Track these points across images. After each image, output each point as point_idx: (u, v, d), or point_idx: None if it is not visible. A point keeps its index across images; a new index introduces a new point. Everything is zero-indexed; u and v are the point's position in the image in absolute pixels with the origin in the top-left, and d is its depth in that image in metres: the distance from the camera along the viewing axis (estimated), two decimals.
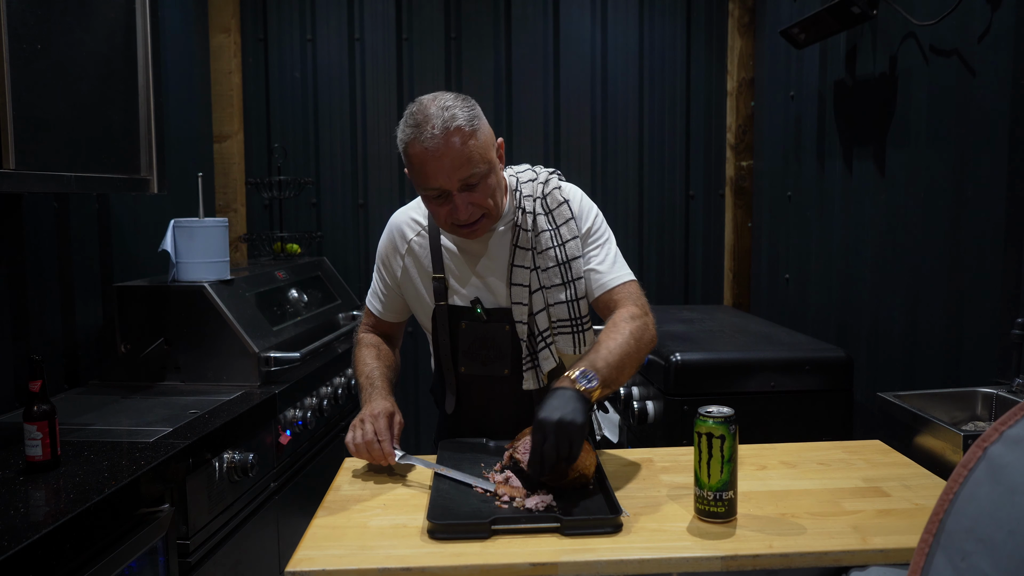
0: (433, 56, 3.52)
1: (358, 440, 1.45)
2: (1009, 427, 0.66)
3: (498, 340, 1.58)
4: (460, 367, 1.62)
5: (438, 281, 1.60)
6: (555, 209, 1.60)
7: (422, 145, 1.40)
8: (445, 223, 1.50)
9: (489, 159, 1.46)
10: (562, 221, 1.59)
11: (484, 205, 1.47)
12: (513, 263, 1.57)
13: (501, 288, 1.59)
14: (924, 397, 1.87)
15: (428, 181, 1.42)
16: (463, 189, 1.43)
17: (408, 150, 1.44)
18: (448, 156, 1.39)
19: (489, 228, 1.55)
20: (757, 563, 1.12)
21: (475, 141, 1.42)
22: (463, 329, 1.59)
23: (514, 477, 1.36)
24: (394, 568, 1.10)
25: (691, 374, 2.31)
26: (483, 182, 1.45)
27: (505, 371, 1.60)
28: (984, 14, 1.97)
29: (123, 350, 2.22)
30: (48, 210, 2.15)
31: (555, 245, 1.58)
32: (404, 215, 1.68)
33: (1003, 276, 1.92)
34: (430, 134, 1.39)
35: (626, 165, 3.60)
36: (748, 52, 3.51)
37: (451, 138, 1.39)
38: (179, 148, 2.86)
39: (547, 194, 1.61)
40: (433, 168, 1.40)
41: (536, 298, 1.57)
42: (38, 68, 1.60)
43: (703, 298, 3.67)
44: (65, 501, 1.35)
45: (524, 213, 1.59)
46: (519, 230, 1.58)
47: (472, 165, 1.41)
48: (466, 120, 1.41)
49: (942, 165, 2.15)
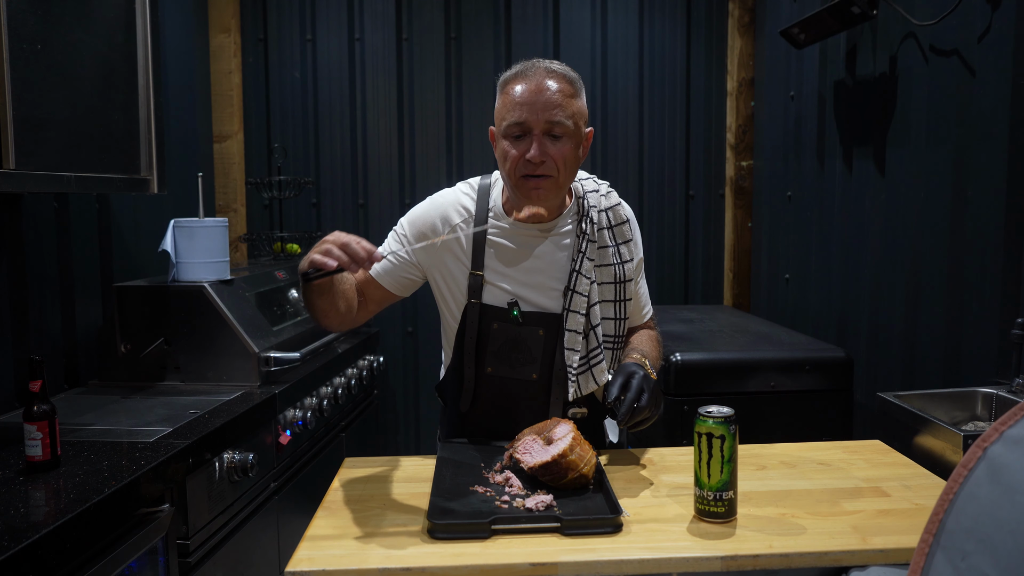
0: (433, 56, 3.52)
1: (329, 248, 1.25)
2: (1009, 427, 0.66)
3: (530, 344, 1.54)
4: (487, 367, 1.57)
5: (475, 277, 1.53)
6: (617, 226, 1.60)
7: (522, 78, 1.45)
8: (513, 169, 1.45)
9: (578, 125, 1.46)
10: (622, 240, 1.60)
11: (557, 163, 1.44)
12: (579, 270, 1.53)
13: (550, 291, 1.54)
14: (924, 397, 1.87)
15: (516, 114, 1.43)
16: (545, 134, 1.43)
17: (506, 83, 1.48)
18: (543, 94, 1.42)
19: (549, 198, 1.48)
20: (757, 563, 1.12)
21: (572, 99, 1.45)
22: (495, 329, 1.54)
23: (514, 477, 1.36)
24: (394, 568, 1.10)
25: (691, 374, 2.31)
26: (564, 140, 1.45)
27: (533, 375, 1.55)
28: (984, 14, 1.97)
29: (123, 350, 2.22)
30: (48, 210, 2.15)
31: (616, 263, 1.58)
32: (453, 196, 1.59)
33: (1003, 276, 1.92)
34: (532, 71, 1.45)
35: (626, 165, 3.60)
36: (748, 52, 3.51)
37: (551, 80, 1.44)
38: (179, 148, 2.86)
39: (610, 208, 1.60)
40: (525, 99, 1.43)
41: (593, 311, 1.55)
42: (38, 68, 1.60)
43: (703, 298, 3.67)
44: (65, 501, 1.35)
45: (591, 223, 1.55)
46: (586, 238, 1.54)
47: (562, 112, 1.43)
48: (570, 79, 1.46)
49: (942, 165, 2.15)
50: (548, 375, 1.55)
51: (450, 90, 3.54)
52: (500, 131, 1.47)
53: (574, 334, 1.53)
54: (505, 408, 1.58)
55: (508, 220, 1.54)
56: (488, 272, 1.54)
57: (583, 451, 1.33)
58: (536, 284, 1.54)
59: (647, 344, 1.62)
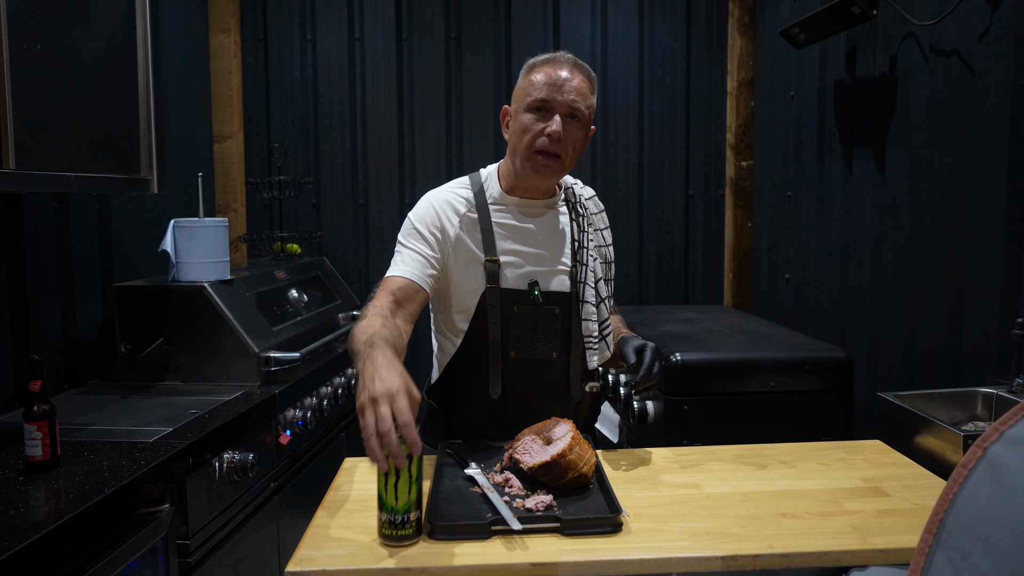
0: (433, 56, 3.52)
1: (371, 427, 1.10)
2: (1009, 427, 0.66)
3: (549, 323, 1.59)
4: (511, 351, 1.58)
5: (491, 264, 1.57)
6: (599, 213, 1.73)
7: (553, 63, 1.55)
8: (530, 141, 1.53)
9: (590, 117, 1.58)
10: (604, 226, 1.73)
11: (568, 145, 1.54)
12: (585, 246, 1.63)
13: (559, 272, 1.62)
14: (924, 397, 1.87)
15: (544, 92, 1.52)
16: (565, 115, 1.53)
17: (535, 66, 1.57)
18: (569, 80, 1.53)
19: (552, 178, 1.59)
20: (757, 563, 1.12)
21: (590, 94, 1.57)
22: (515, 313, 1.58)
23: (514, 477, 1.36)
24: (394, 568, 1.10)
25: (691, 374, 2.31)
26: (579, 126, 1.55)
27: (553, 355, 1.60)
28: (984, 14, 1.97)
29: (123, 350, 2.22)
30: (48, 210, 2.15)
31: (604, 245, 1.70)
32: (449, 190, 1.64)
33: (1003, 276, 1.92)
34: (563, 60, 1.56)
35: (626, 165, 3.60)
36: (748, 52, 3.51)
37: (577, 72, 1.55)
38: (179, 148, 2.86)
39: (589, 198, 1.73)
40: (552, 80, 1.53)
41: (600, 285, 1.64)
42: (38, 68, 1.60)
43: (703, 298, 3.67)
44: (65, 501, 1.35)
45: (582, 206, 1.67)
46: (583, 218, 1.65)
47: (583, 100, 1.54)
48: (591, 76, 1.59)
49: (942, 165, 2.15)
50: (567, 353, 1.61)
51: (450, 90, 3.54)
52: (522, 106, 1.56)
53: (589, 305, 1.60)
54: (528, 391, 1.60)
55: (510, 199, 1.62)
56: (503, 256, 1.59)
57: (582, 451, 1.33)
58: (547, 264, 1.61)
59: (624, 325, 1.78)
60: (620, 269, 3.55)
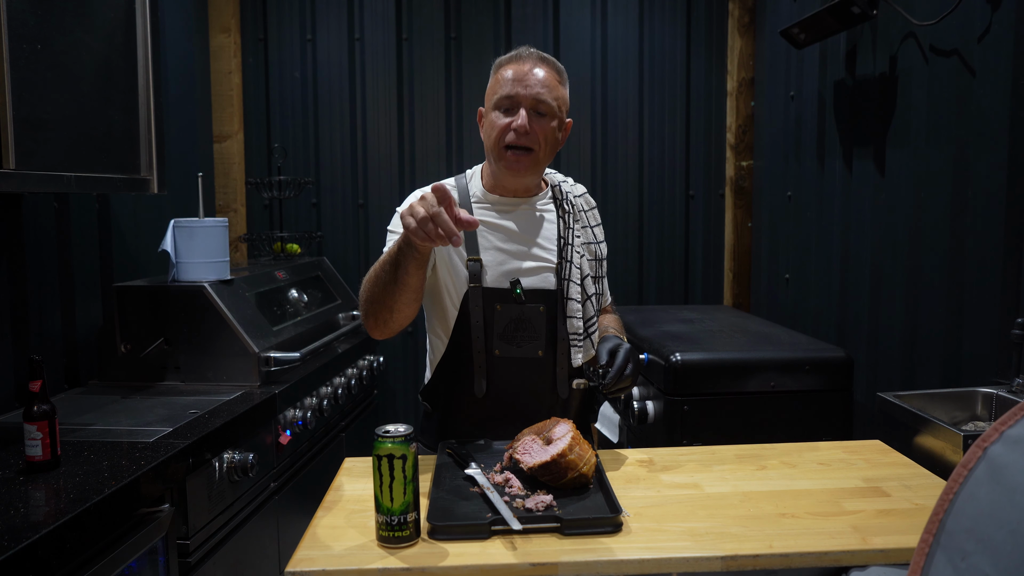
0: (433, 56, 3.52)
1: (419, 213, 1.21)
2: (1009, 427, 0.66)
3: (533, 321, 1.59)
4: (495, 350, 1.59)
5: (473, 263, 1.58)
6: (590, 210, 1.74)
7: (516, 60, 1.58)
8: (499, 139, 1.55)
9: (560, 109, 1.59)
10: (595, 223, 1.73)
11: (538, 139, 1.55)
12: (571, 243, 1.62)
13: (544, 270, 1.61)
14: (924, 397, 1.87)
15: (507, 89, 1.55)
16: (531, 110, 1.55)
17: (500, 65, 1.61)
18: (533, 74, 1.56)
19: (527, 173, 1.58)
20: (757, 563, 1.12)
21: (558, 85, 1.58)
22: (498, 311, 1.58)
23: (514, 477, 1.36)
24: (394, 568, 1.10)
25: (691, 374, 2.31)
26: (548, 119, 1.56)
27: (539, 352, 1.59)
28: (984, 14, 1.97)
29: (123, 350, 2.22)
30: (48, 210, 2.15)
31: (594, 242, 1.70)
32: None
33: (1003, 276, 1.92)
34: (526, 55, 1.59)
35: (626, 165, 3.60)
36: (748, 52, 3.51)
37: (541, 65, 1.58)
38: (179, 148, 2.86)
39: (580, 196, 1.73)
40: (517, 76, 1.55)
41: (586, 282, 1.64)
42: (38, 68, 1.60)
43: (703, 298, 3.67)
44: (65, 501, 1.35)
45: (571, 204, 1.67)
46: (570, 215, 1.65)
47: (549, 93, 1.55)
48: (557, 68, 1.60)
49: (942, 165, 2.15)
50: (553, 350, 1.61)
51: (450, 90, 3.54)
52: (491, 105, 1.59)
53: (574, 302, 1.61)
54: (516, 389, 1.60)
55: (492, 197, 1.64)
56: (485, 254, 1.59)
57: (582, 450, 1.33)
58: (530, 262, 1.61)
59: (615, 324, 1.77)
60: (620, 269, 3.55)
